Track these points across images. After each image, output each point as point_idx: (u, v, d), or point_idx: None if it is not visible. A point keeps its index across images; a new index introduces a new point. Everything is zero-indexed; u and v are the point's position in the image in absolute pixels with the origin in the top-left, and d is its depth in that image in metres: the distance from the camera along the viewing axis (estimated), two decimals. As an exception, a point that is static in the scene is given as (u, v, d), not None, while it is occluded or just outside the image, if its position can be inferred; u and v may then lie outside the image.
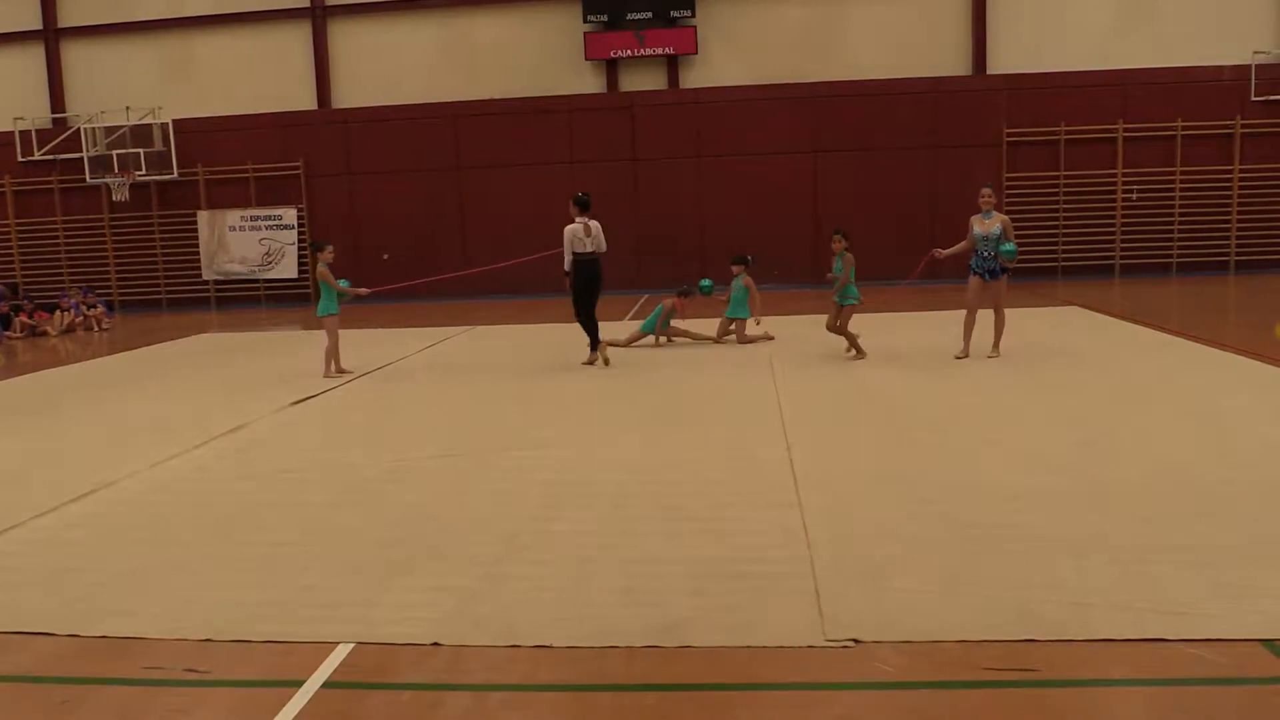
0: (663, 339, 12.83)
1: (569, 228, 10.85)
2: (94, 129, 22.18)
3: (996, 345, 10.73)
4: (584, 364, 11.21)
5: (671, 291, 13.23)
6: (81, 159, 22.14)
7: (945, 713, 3.40)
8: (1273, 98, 20.49)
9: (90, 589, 4.75)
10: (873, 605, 4.19)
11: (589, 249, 10.84)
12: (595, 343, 11.18)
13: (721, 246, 21.18)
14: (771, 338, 12.75)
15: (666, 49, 21.71)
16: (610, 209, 21.81)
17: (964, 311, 10.80)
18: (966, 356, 10.66)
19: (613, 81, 22.14)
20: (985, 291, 10.65)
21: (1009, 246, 10.45)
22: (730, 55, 21.89)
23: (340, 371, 11.26)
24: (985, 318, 10.76)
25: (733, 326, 12.71)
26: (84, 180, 22.26)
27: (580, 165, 21.77)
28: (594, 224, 10.84)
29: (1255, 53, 20.55)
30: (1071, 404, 8.26)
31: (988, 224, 10.45)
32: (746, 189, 21.49)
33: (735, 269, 12.65)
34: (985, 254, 10.51)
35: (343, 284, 11.02)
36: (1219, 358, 10.26)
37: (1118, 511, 5.28)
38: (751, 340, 12.63)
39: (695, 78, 22.01)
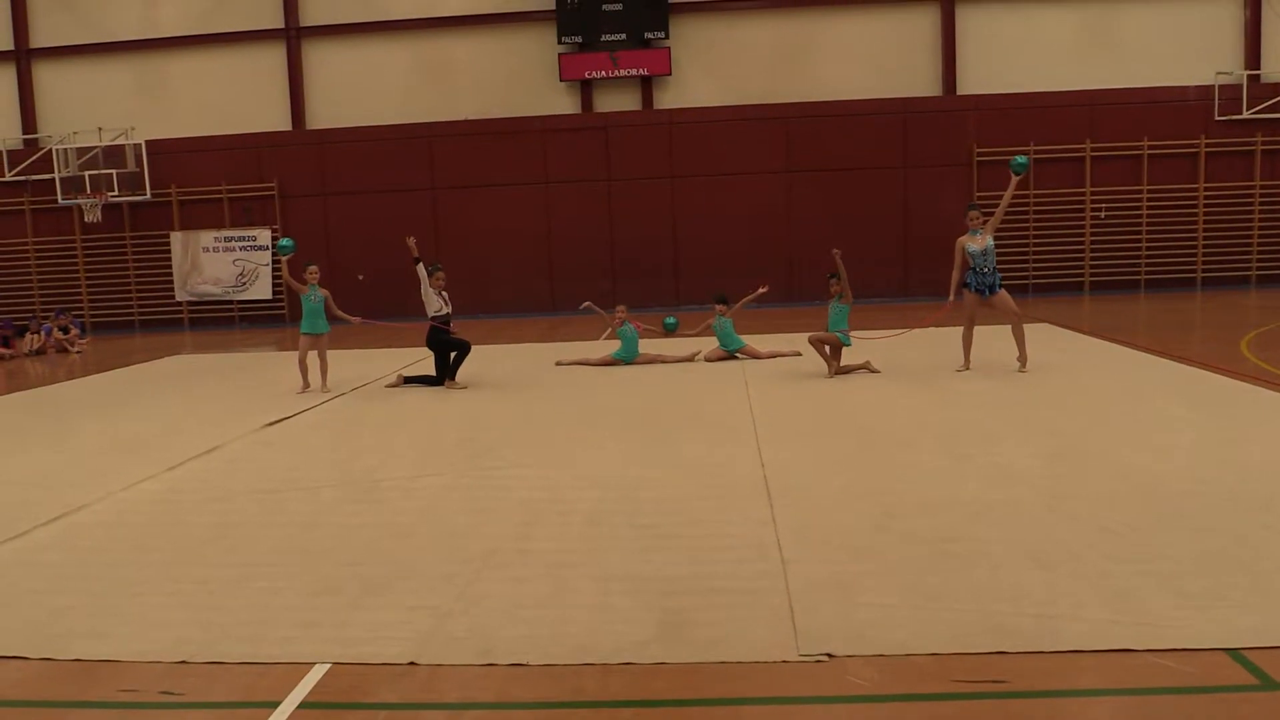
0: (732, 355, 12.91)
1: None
2: (66, 150, 22.02)
3: (1021, 357, 10.76)
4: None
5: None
6: (53, 180, 21.97)
7: (917, 725, 3.44)
8: (1235, 117, 20.88)
9: (63, 612, 4.72)
10: (845, 620, 4.23)
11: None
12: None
13: (696, 266, 21.40)
14: (799, 354, 12.63)
15: (640, 70, 21.84)
16: (585, 229, 22.10)
17: (960, 329, 11.11)
18: (967, 369, 10.89)
19: (587, 102, 22.24)
20: (981, 308, 10.83)
21: (1021, 159, 10.73)
22: (704, 76, 22.05)
23: (308, 388, 11.57)
24: (980, 334, 11.06)
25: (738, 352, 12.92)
26: (56, 201, 22.10)
27: (555, 186, 21.85)
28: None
29: (1218, 73, 20.96)
30: (1040, 418, 8.37)
31: (981, 239, 10.61)
32: (720, 209, 21.62)
33: (719, 308, 12.96)
34: (983, 270, 10.65)
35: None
36: (1184, 372, 10.42)
37: (1084, 524, 5.36)
38: (777, 355, 12.80)
39: (669, 98, 22.15)
